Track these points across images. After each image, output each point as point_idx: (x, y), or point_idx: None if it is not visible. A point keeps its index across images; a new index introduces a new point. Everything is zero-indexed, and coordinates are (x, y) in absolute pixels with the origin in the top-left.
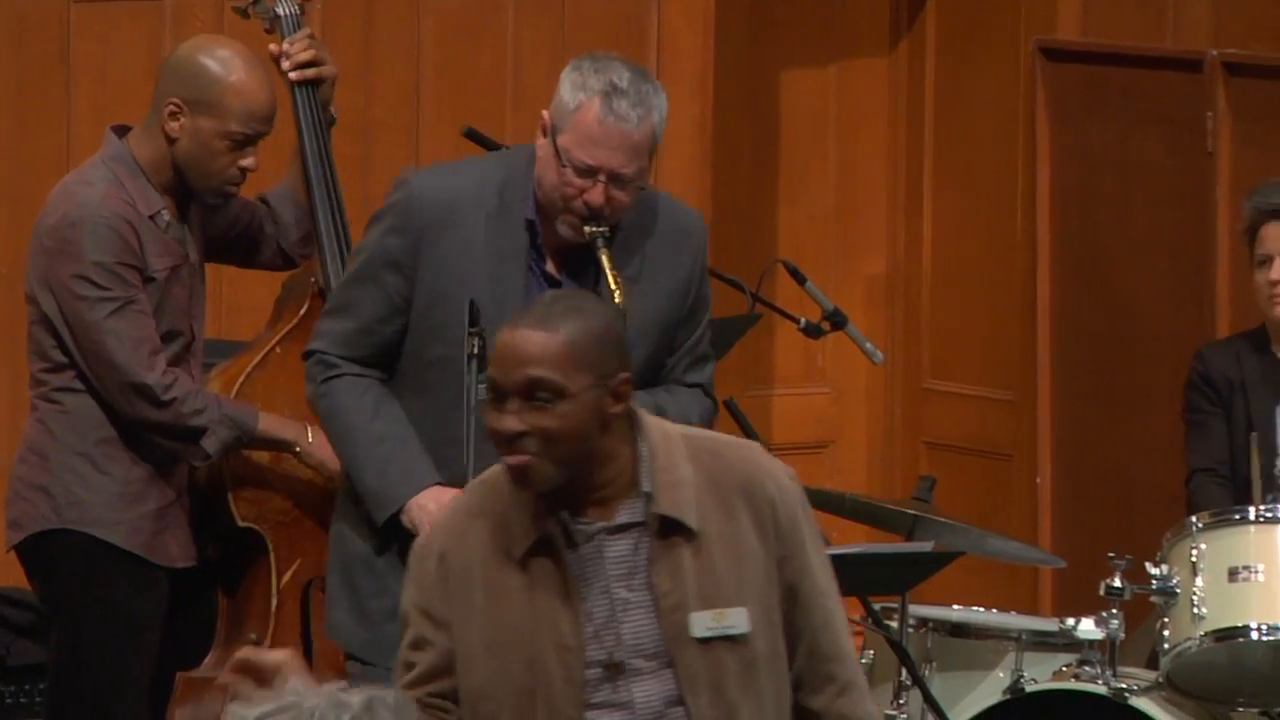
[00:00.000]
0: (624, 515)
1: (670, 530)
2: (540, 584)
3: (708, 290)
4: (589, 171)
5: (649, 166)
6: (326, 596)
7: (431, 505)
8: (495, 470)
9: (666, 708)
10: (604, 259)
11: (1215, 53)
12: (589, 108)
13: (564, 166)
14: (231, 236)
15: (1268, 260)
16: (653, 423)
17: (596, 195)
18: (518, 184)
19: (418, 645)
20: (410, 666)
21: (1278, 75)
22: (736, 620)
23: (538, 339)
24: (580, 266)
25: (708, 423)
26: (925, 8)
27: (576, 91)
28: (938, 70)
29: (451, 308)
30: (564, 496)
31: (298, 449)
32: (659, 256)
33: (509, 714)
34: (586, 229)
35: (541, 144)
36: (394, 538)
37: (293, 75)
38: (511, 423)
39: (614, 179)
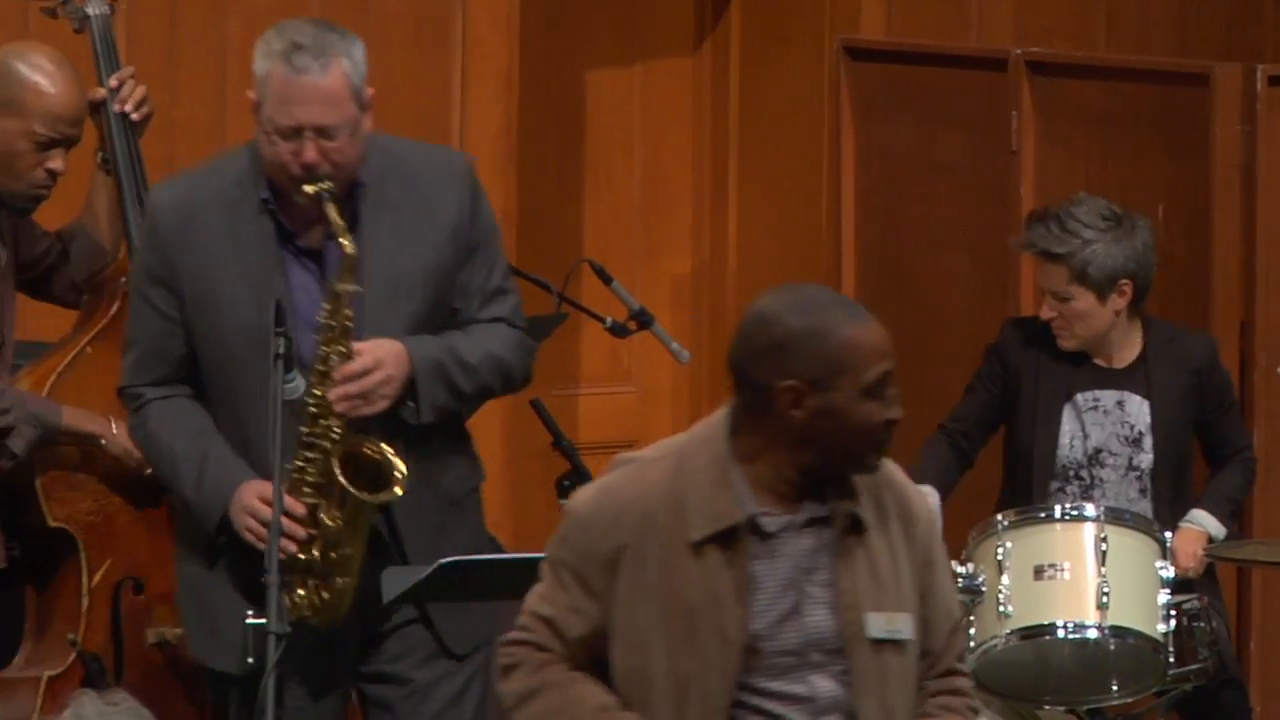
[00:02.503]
0: (807, 510)
1: (852, 529)
2: (716, 572)
3: (488, 231)
4: (293, 132)
5: (362, 113)
6: (183, 619)
7: (249, 499)
8: (682, 446)
9: (835, 704)
10: (330, 212)
11: (1019, 51)
12: (275, 71)
13: (272, 136)
14: (36, 269)
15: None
16: None
17: (309, 152)
18: (251, 172)
19: (574, 609)
20: (552, 625)
21: (1081, 74)
22: (904, 626)
23: None
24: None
25: (519, 350)
26: (729, 7)
27: (263, 61)
28: (742, 69)
29: (217, 311)
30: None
31: (103, 440)
32: (419, 204)
33: (662, 698)
34: (307, 188)
35: (256, 120)
36: (228, 547)
37: (134, 116)
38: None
39: (319, 132)
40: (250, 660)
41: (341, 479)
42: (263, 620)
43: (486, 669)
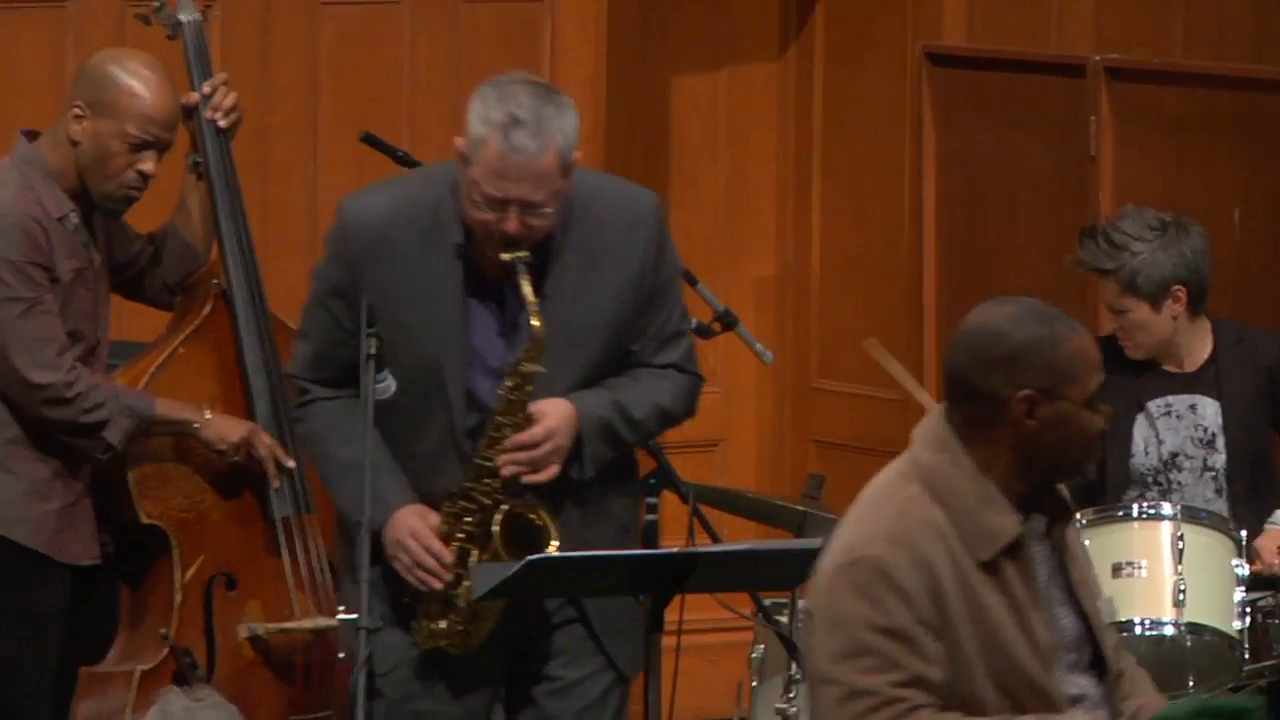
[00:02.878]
0: (1035, 520)
1: (1061, 534)
2: (1013, 586)
3: (670, 273)
4: (499, 204)
5: (565, 185)
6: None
7: (401, 531)
8: (921, 472)
9: (1097, 701)
10: (524, 285)
11: (1098, 58)
12: (490, 142)
13: (477, 199)
14: (129, 271)
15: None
16: None
17: (511, 225)
18: (448, 205)
19: (927, 659)
20: (921, 684)
21: (1158, 80)
22: (1109, 610)
23: None
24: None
25: (686, 397)
26: (814, 14)
27: (479, 125)
28: (826, 75)
29: (394, 337)
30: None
31: (195, 425)
32: (606, 252)
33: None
34: (503, 256)
35: (461, 170)
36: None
37: (222, 124)
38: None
39: (525, 207)
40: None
41: (498, 542)
42: (354, 616)
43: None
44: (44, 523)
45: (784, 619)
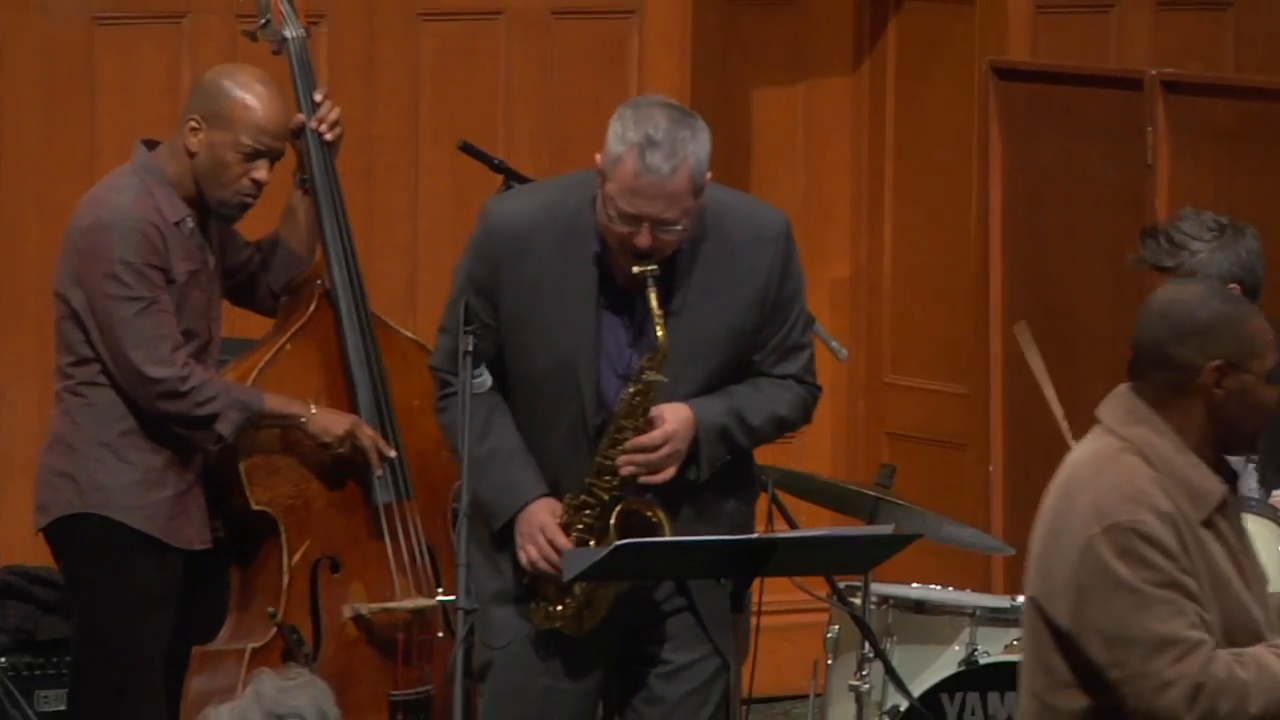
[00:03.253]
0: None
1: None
2: (1229, 539)
3: (794, 289)
4: (633, 219)
5: (696, 204)
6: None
7: (533, 525)
8: (1130, 437)
9: None
10: (651, 298)
11: (1154, 72)
12: (627, 161)
13: (612, 214)
14: (239, 275)
15: None
16: None
17: (644, 239)
18: (586, 214)
19: (1201, 604)
20: (1206, 625)
21: (1211, 93)
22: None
23: None
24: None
25: (803, 407)
26: (886, 30)
27: (617, 144)
28: (897, 88)
29: (530, 335)
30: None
31: (302, 419)
32: (734, 267)
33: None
34: (634, 269)
35: (599, 185)
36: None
37: (328, 137)
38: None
39: (657, 224)
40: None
41: (613, 535)
42: (453, 597)
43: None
44: (158, 509)
45: (857, 600)
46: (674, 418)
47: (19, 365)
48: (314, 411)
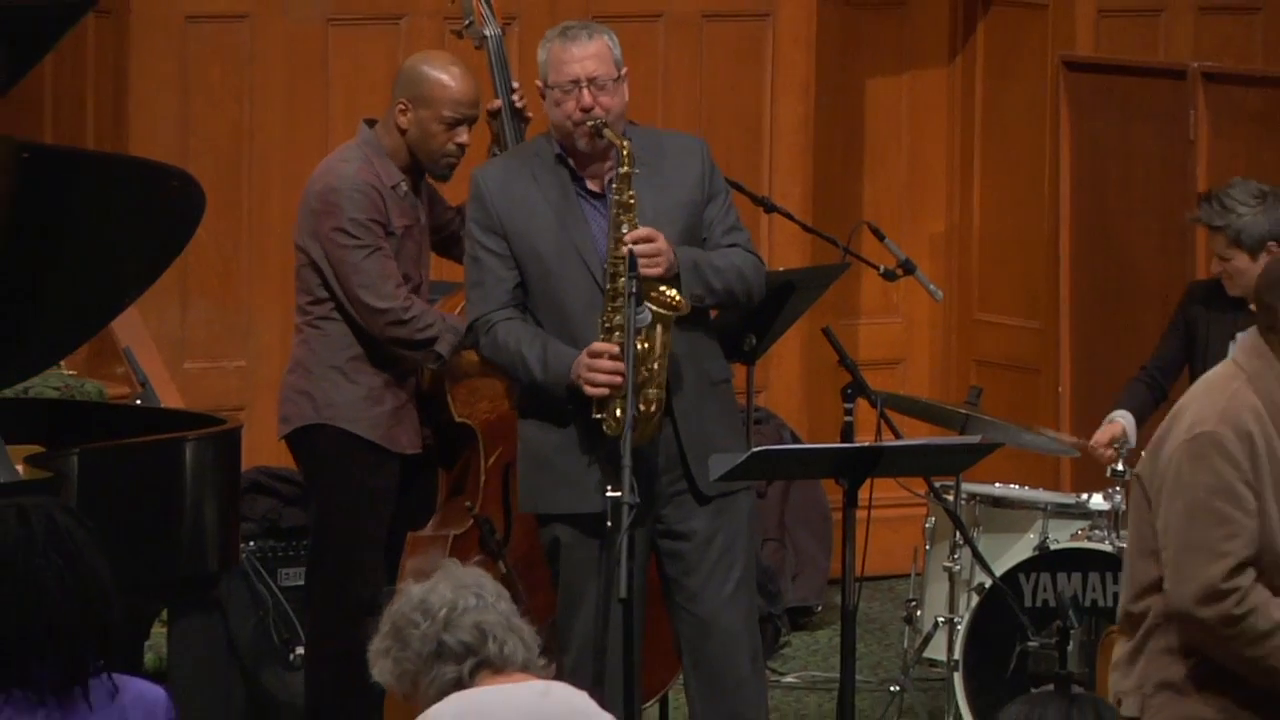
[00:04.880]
0: None
1: None
2: None
3: (720, 184)
4: (571, 85)
5: (620, 80)
6: (520, 474)
7: (580, 363)
8: (1242, 367)
9: None
10: (608, 134)
11: (1196, 65)
12: (552, 48)
13: (556, 96)
14: (444, 232)
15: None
16: None
17: (585, 98)
18: (546, 144)
19: (1248, 512)
20: (1242, 537)
21: (1244, 82)
22: None
23: None
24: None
25: (754, 269)
26: (975, 30)
27: (542, 51)
28: (984, 78)
29: (535, 238)
30: None
31: None
32: (670, 164)
33: None
34: (588, 124)
35: (547, 106)
36: (571, 417)
37: (528, 115)
38: None
39: (591, 83)
40: (609, 524)
41: (651, 305)
42: (619, 494)
43: (754, 525)
44: (379, 420)
45: (950, 497)
46: (654, 234)
47: (264, 304)
48: None
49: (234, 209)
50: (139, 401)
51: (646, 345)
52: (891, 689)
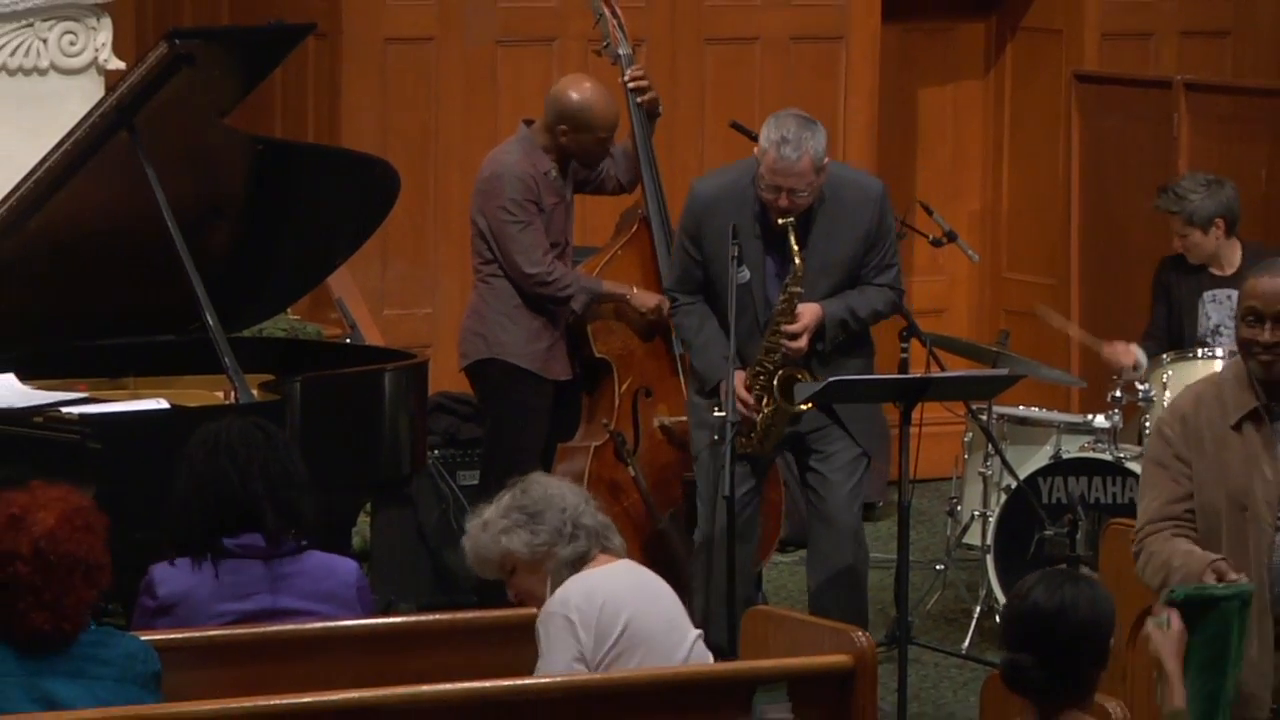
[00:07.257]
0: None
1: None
2: (1250, 441)
3: (886, 229)
4: (775, 189)
5: (818, 179)
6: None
7: (725, 390)
8: (1233, 363)
9: None
10: (790, 238)
11: (1179, 77)
12: (769, 153)
13: (763, 184)
14: (595, 180)
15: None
16: None
17: (783, 201)
18: (751, 187)
19: (1177, 482)
20: (1176, 500)
21: (1218, 91)
22: None
23: None
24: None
25: (891, 305)
26: (1005, 50)
27: (765, 142)
28: (1013, 89)
29: (721, 263)
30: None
31: (628, 296)
32: (845, 215)
33: (1227, 524)
34: (780, 221)
35: (758, 167)
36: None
37: (632, 87)
38: (1267, 336)
39: (790, 192)
40: (715, 437)
41: (776, 390)
42: (724, 413)
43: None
44: (537, 354)
45: (984, 416)
46: (808, 313)
47: (447, 264)
48: (635, 292)
49: (423, 190)
50: (349, 340)
51: (768, 409)
52: (937, 568)
